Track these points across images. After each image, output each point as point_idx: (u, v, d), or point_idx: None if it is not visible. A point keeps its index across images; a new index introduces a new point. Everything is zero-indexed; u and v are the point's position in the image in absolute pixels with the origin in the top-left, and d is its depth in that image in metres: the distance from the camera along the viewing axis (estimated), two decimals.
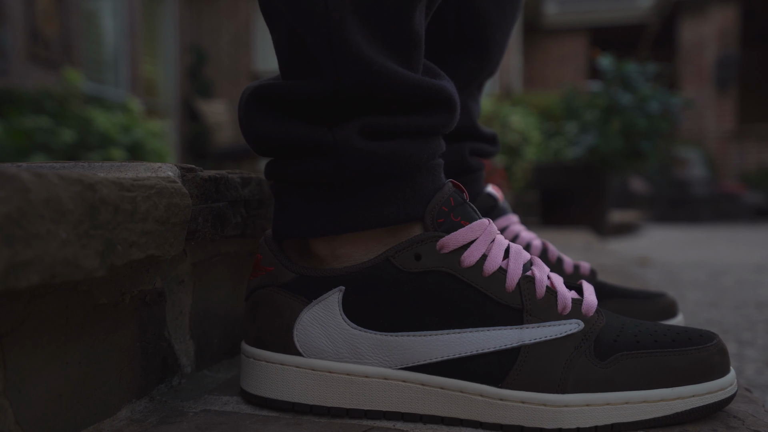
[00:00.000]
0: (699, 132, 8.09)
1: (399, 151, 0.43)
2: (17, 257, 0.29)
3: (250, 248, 0.62)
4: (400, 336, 0.43)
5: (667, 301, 0.64)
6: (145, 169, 0.46)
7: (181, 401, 0.48)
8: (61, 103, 3.64)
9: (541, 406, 0.41)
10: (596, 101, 3.26)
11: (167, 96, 6.49)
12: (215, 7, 6.88)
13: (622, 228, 4.41)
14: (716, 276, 2.35)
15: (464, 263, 0.43)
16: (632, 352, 0.42)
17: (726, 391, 0.43)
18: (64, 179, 0.33)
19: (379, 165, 0.43)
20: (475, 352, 0.42)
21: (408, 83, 0.42)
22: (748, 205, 6.72)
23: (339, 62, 0.40)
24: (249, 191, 0.58)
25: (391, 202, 0.44)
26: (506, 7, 0.69)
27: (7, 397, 0.35)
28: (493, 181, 2.98)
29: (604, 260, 1.49)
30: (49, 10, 4.51)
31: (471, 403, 0.43)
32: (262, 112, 0.45)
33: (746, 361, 1.17)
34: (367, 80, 0.41)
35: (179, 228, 0.44)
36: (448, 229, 0.44)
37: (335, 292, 0.44)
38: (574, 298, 0.45)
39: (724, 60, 7.91)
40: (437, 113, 0.45)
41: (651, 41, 9.16)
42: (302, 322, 0.45)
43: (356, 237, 0.45)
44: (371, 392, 0.44)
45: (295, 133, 0.43)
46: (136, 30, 5.69)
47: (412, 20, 0.42)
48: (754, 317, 1.57)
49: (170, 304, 0.51)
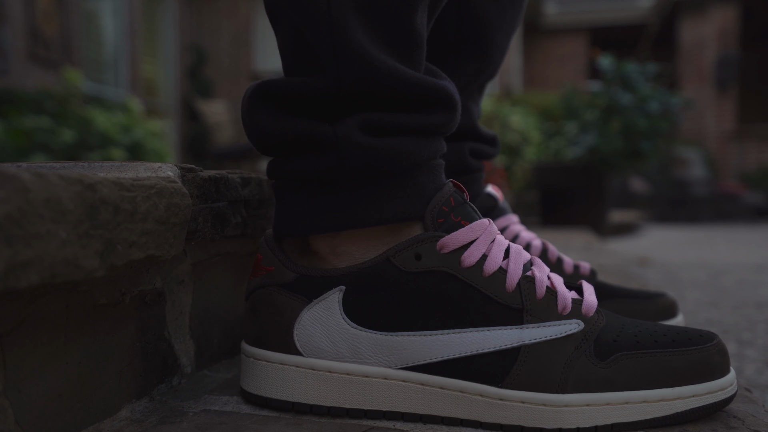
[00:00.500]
0: (699, 132, 8.09)
1: (399, 148, 0.43)
2: (17, 257, 0.29)
3: (250, 248, 0.62)
4: (400, 336, 0.43)
5: (667, 301, 0.64)
6: (145, 169, 0.46)
7: (181, 401, 0.48)
8: (61, 103, 3.64)
9: (541, 406, 0.41)
10: (596, 101, 3.26)
11: (167, 96, 6.49)
12: (215, 7, 6.88)
13: (622, 228, 4.41)
14: (716, 276, 2.35)
15: (464, 263, 0.43)
16: (632, 352, 0.42)
17: (726, 392, 0.43)
18: (64, 179, 0.33)
19: (379, 161, 0.43)
20: (475, 352, 0.42)
21: (409, 81, 0.42)
22: (748, 205, 6.72)
23: (340, 58, 0.41)
24: (249, 191, 0.58)
25: (392, 200, 0.44)
26: (507, 10, 0.69)
27: (7, 397, 0.35)
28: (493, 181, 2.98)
29: (604, 260, 1.49)
30: (49, 10, 4.51)
31: (471, 403, 0.43)
32: (265, 109, 0.45)
33: (746, 361, 1.17)
34: (368, 76, 0.41)
35: (179, 228, 0.44)
36: (449, 229, 0.44)
37: (335, 291, 0.44)
38: (574, 298, 0.45)
39: (724, 60, 7.91)
40: (438, 112, 0.45)
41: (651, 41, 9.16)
42: (302, 321, 0.45)
43: (357, 235, 0.45)
44: (371, 392, 0.44)
45: (297, 128, 0.43)
46: (136, 30, 5.69)
47: (413, 20, 0.43)
48: (754, 317, 1.57)
49: (170, 304, 0.51)
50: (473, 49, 0.69)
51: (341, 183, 0.44)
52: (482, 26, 0.68)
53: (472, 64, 0.69)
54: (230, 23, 6.87)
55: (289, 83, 0.44)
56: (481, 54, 0.69)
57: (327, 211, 0.45)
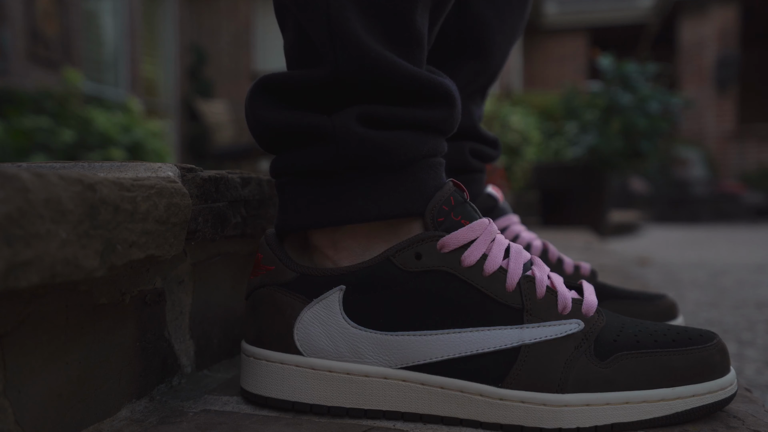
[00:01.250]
0: (699, 132, 8.09)
1: (397, 141, 0.44)
2: (17, 257, 0.29)
3: (250, 248, 0.62)
4: (400, 335, 0.43)
5: (667, 302, 0.64)
6: (145, 169, 0.46)
7: (181, 401, 0.48)
8: (61, 103, 3.64)
9: (541, 406, 0.41)
10: (596, 101, 3.26)
11: (167, 96, 6.49)
12: (215, 7, 6.88)
13: (622, 228, 4.41)
14: (716, 276, 2.35)
15: (465, 263, 0.43)
16: (632, 352, 0.42)
17: (726, 391, 0.43)
18: (64, 179, 0.33)
19: (376, 152, 0.43)
20: (476, 351, 0.42)
21: (406, 73, 0.43)
22: (748, 205, 6.72)
23: (338, 48, 0.42)
24: (249, 191, 0.58)
25: (391, 194, 0.44)
26: (505, 12, 0.70)
27: (7, 397, 0.35)
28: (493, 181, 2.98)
29: (604, 260, 1.49)
30: (49, 10, 4.51)
31: (471, 402, 0.43)
32: (265, 102, 0.46)
33: (746, 361, 1.17)
34: (365, 66, 0.42)
35: (179, 228, 0.44)
36: (449, 228, 0.44)
37: (336, 291, 0.44)
38: (575, 298, 0.45)
39: (724, 60, 7.91)
40: (436, 108, 0.45)
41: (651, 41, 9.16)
42: (303, 321, 0.45)
43: (357, 231, 0.45)
44: (371, 391, 0.44)
45: (296, 119, 0.44)
46: (136, 30, 5.69)
47: (412, 18, 0.43)
48: (754, 317, 1.57)
49: (170, 304, 0.51)
50: (473, 50, 0.69)
51: (341, 177, 0.44)
52: (482, 27, 0.69)
53: (472, 65, 0.69)
54: (230, 23, 6.87)
55: (288, 75, 0.45)
56: (482, 55, 0.69)
57: (327, 205, 0.45)
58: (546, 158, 4.05)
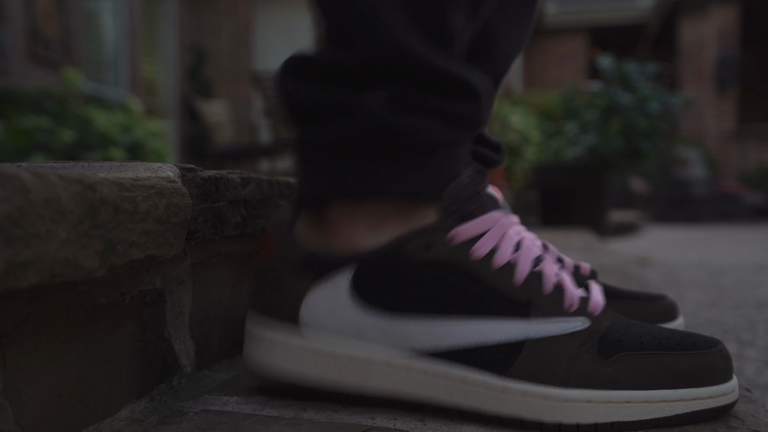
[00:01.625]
0: (699, 132, 8.09)
1: (420, 126, 0.44)
2: (17, 257, 0.29)
3: (250, 248, 0.62)
4: (406, 322, 0.43)
5: (667, 303, 0.64)
6: (145, 169, 0.46)
7: (181, 401, 0.48)
8: (61, 103, 3.64)
9: (542, 400, 0.41)
10: (596, 101, 3.26)
11: (167, 96, 6.49)
12: (215, 7, 6.88)
13: (622, 228, 4.41)
14: (716, 276, 2.35)
15: (474, 255, 0.44)
16: (636, 353, 0.42)
17: (728, 397, 0.43)
18: (64, 179, 0.33)
19: (400, 134, 0.44)
20: (480, 343, 0.42)
21: (434, 68, 0.44)
22: (748, 205, 6.72)
23: (369, 35, 0.43)
24: (249, 191, 0.58)
25: (411, 176, 0.45)
26: (512, 19, 0.69)
27: (7, 397, 0.35)
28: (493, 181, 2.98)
29: (604, 260, 1.49)
30: (49, 10, 4.51)
31: (473, 392, 0.43)
32: (295, 78, 0.47)
33: (746, 361, 1.17)
34: (395, 58, 0.43)
35: (179, 228, 0.44)
36: (463, 217, 0.44)
37: (345, 273, 0.44)
38: (582, 295, 0.45)
39: (724, 60, 7.91)
40: (462, 103, 0.46)
41: (651, 41, 9.16)
42: (309, 302, 0.45)
43: (374, 210, 0.46)
44: (374, 376, 0.44)
45: (325, 94, 0.45)
46: (136, 30, 5.70)
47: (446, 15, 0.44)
48: (754, 317, 1.57)
49: (170, 304, 0.51)
50: (477, 53, 0.69)
51: (363, 154, 0.45)
52: (487, 31, 0.68)
53: (473, 65, 0.69)
54: (230, 23, 6.87)
55: (318, 54, 0.46)
56: (484, 56, 0.69)
57: (348, 177, 0.45)
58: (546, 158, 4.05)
